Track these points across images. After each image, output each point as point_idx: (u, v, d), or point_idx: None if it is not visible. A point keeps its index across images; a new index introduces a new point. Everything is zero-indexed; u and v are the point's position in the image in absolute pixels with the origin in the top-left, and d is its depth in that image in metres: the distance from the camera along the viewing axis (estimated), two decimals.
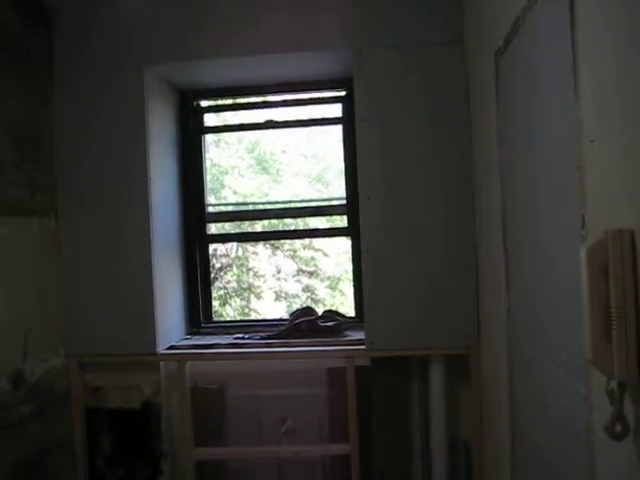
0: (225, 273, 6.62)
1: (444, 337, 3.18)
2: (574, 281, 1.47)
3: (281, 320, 3.73)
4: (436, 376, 3.27)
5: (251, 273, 6.79)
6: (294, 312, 3.64)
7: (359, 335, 3.38)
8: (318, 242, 6.35)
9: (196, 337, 3.72)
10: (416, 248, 3.20)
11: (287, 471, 3.49)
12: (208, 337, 3.69)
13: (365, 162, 3.25)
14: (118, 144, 3.37)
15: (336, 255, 6.49)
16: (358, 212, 3.29)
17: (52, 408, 3.28)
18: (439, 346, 3.19)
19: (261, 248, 6.49)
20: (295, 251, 6.71)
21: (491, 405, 2.97)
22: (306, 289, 6.88)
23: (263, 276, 6.80)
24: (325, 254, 6.67)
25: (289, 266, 6.83)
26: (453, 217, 3.19)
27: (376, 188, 3.23)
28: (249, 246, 6.23)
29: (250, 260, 6.76)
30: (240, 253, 6.56)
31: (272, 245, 6.33)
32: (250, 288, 6.76)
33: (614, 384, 1.23)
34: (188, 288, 3.80)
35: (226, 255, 6.50)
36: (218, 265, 6.39)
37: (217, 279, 6.32)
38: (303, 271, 6.84)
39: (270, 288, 6.79)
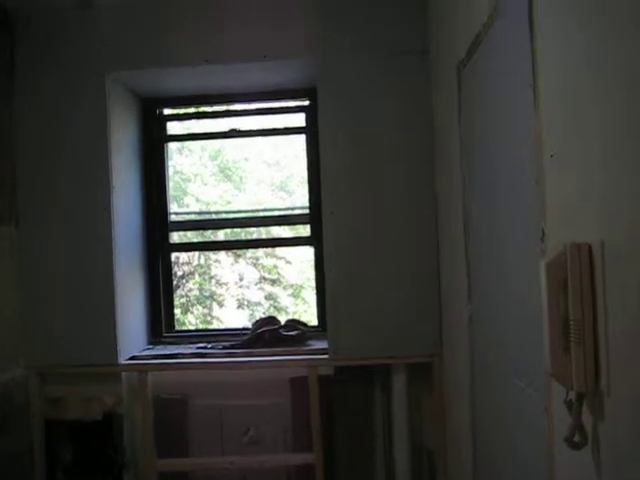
0: (187, 281, 6.57)
1: (407, 346, 3.20)
2: (533, 293, 1.51)
3: (244, 329, 3.71)
4: (399, 385, 3.29)
5: (213, 281, 6.75)
6: (257, 321, 3.63)
7: (322, 344, 3.38)
8: (281, 250, 6.33)
9: (158, 347, 3.69)
10: (379, 258, 3.23)
11: None
12: (170, 347, 3.66)
13: (328, 174, 3.26)
14: (80, 151, 3.33)
15: (299, 263, 6.48)
16: (321, 221, 3.30)
17: (11, 419, 3.22)
18: (402, 355, 3.21)
19: (223, 256, 6.45)
20: (258, 259, 6.69)
21: (453, 414, 3.00)
22: (269, 297, 6.86)
23: (225, 284, 6.76)
24: (288, 262, 6.66)
25: (252, 274, 6.80)
26: (416, 228, 3.22)
27: (339, 199, 3.24)
28: (211, 254, 6.19)
29: (212, 268, 6.72)
30: (202, 261, 6.51)
31: (234, 253, 6.30)
32: (212, 296, 6.72)
33: (573, 395, 1.26)
34: (150, 297, 3.77)
35: (188, 263, 6.46)
36: (180, 273, 6.34)
37: (179, 287, 6.27)
38: (266, 279, 6.82)
39: (232, 296, 6.75)
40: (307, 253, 4.34)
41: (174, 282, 4.06)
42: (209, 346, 3.56)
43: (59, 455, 3.48)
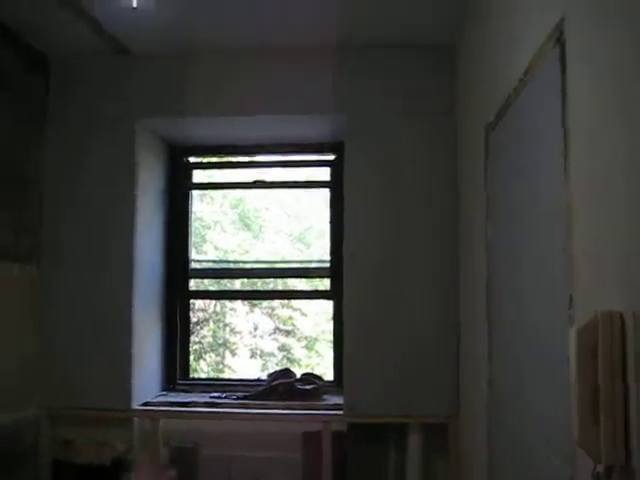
0: (201, 328, 6.55)
1: (423, 406, 3.16)
2: (558, 359, 1.49)
3: (258, 380, 3.69)
4: (414, 445, 3.23)
5: (228, 329, 6.72)
6: (272, 373, 3.60)
7: (337, 399, 3.35)
8: (297, 302, 6.31)
9: (172, 394, 3.67)
10: (399, 315, 3.21)
11: None
12: (184, 394, 3.64)
13: (351, 229, 3.28)
14: (105, 194, 3.38)
15: (314, 315, 6.45)
16: (341, 275, 3.30)
17: (19, 459, 3.19)
18: (418, 414, 3.17)
19: (239, 304, 6.43)
20: (273, 309, 6.66)
21: (470, 477, 2.93)
22: (282, 348, 6.80)
23: (240, 332, 6.73)
24: (303, 314, 6.63)
25: (266, 324, 6.77)
26: (437, 287, 3.22)
27: (361, 254, 3.24)
28: (227, 302, 6.18)
29: (227, 316, 6.70)
30: (218, 308, 6.50)
31: (250, 302, 6.29)
32: (226, 344, 6.68)
33: (601, 468, 1.23)
34: (166, 343, 3.76)
35: (203, 310, 6.44)
36: (195, 319, 6.32)
37: (193, 333, 6.24)
38: (280, 330, 6.78)
39: (246, 345, 6.71)
40: (323, 306, 4.33)
41: (190, 334, 4.05)
42: (223, 396, 3.53)
43: None
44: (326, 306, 3.75)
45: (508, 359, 2.18)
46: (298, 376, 3.56)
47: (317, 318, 6.35)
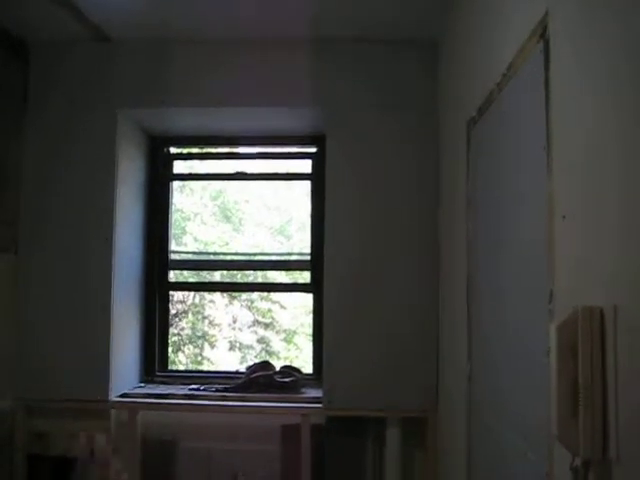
0: (180, 320, 6.53)
1: (402, 400, 3.17)
2: (538, 354, 1.49)
3: (237, 373, 3.68)
4: (392, 439, 3.25)
5: (206, 321, 6.70)
6: (251, 366, 3.59)
7: (316, 393, 3.35)
8: (276, 295, 6.31)
9: (150, 385, 3.64)
10: (379, 309, 3.22)
11: None
12: (162, 386, 3.61)
13: (331, 221, 3.27)
14: (85, 184, 3.35)
15: (293, 308, 6.45)
16: (321, 268, 3.30)
17: None
18: (397, 408, 3.18)
19: (218, 296, 6.42)
20: (252, 302, 6.65)
21: (447, 472, 2.95)
22: (261, 340, 6.80)
23: (218, 325, 6.72)
24: (282, 306, 6.63)
25: (245, 316, 6.76)
26: (417, 281, 3.22)
27: (342, 247, 3.25)
28: (206, 294, 6.16)
29: (206, 308, 6.68)
30: (197, 300, 6.48)
31: (230, 295, 6.28)
32: (204, 336, 6.66)
33: (579, 461, 1.24)
34: (145, 335, 3.74)
35: (182, 302, 6.42)
36: (174, 311, 6.29)
37: (172, 325, 6.22)
38: (259, 322, 6.78)
39: (225, 337, 6.70)
40: (302, 299, 4.33)
41: (169, 325, 4.03)
42: (202, 388, 3.51)
43: None
44: (305, 299, 3.74)
45: (487, 355, 2.19)
46: (277, 369, 3.55)
47: (296, 311, 6.36)
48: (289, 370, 3.53)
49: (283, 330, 6.70)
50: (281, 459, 3.38)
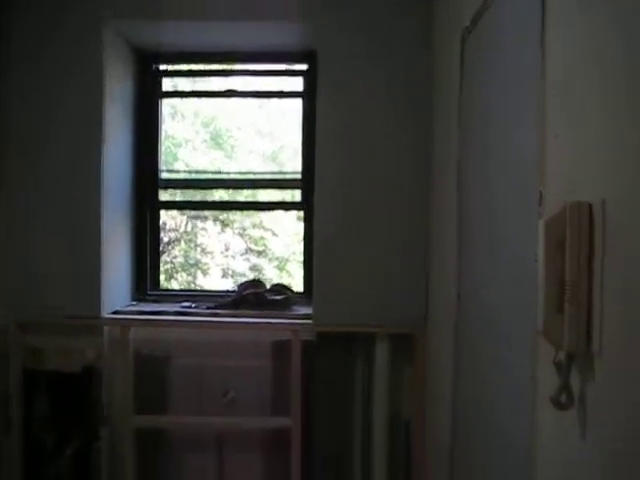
0: (173, 247, 6.54)
1: (391, 316, 3.21)
2: (526, 258, 1.50)
3: (228, 292, 3.70)
4: (381, 355, 3.29)
5: (199, 249, 6.72)
6: (242, 284, 3.61)
7: (307, 310, 3.39)
8: (268, 222, 6.31)
9: (142, 304, 3.67)
10: (369, 226, 3.22)
11: (227, 443, 3.47)
12: (154, 304, 3.64)
13: (323, 139, 3.24)
14: (72, 100, 3.28)
15: (286, 236, 6.46)
16: (312, 187, 3.28)
17: None
18: (386, 325, 3.21)
19: (210, 225, 6.43)
20: (244, 229, 6.66)
21: (434, 385, 3.00)
22: (254, 268, 6.83)
23: (211, 253, 6.74)
24: (274, 234, 6.63)
25: (238, 244, 6.77)
26: (408, 198, 3.21)
27: (333, 164, 3.22)
28: (199, 221, 6.16)
29: (199, 236, 6.69)
30: (189, 228, 6.48)
31: (222, 222, 6.27)
32: (197, 264, 6.69)
33: (562, 355, 1.25)
34: (136, 254, 3.74)
35: (175, 229, 6.42)
36: (166, 239, 6.30)
37: (164, 252, 6.24)
38: (252, 250, 6.80)
39: (217, 265, 6.73)
40: (295, 227, 4.32)
41: (160, 247, 4.03)
42: (193, 305, 3.54)
43: (36, 407, 3.46)
44: (297, 226, 3.72)
45: (476, 269, 2.19)
46: (268, 287, 3.57)
47: (288, 239, 6.37)
48: (280, 288, 3.55)
49: (275, 258, 6.74)
50: (272, 375, 3.44)
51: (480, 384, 2.08)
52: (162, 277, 3.92)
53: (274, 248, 6.69)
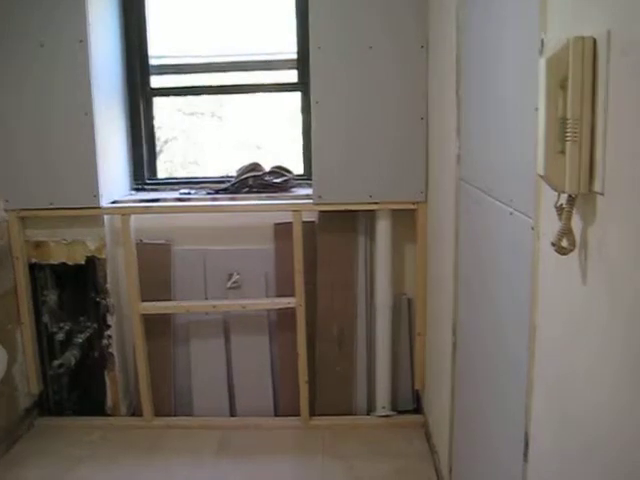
0: (171, 146, 6.47)
1: (392, 192, 3.18)
2: (528, 117, 1.46)
3: (228, 177, 3.67)
4: (383, 231, 3.29)
5: (197, 146, 6.65)
6: (241, 168, 3.56)
7: (307, 192, 3.36)
8: (265, 108, 6.21)
9: (141, 193, 3.65)
10: (367, 103, 3.13)
11: (233, 325, 3.53)
12: (153, 193, 3.62)
13: (317, 12, 3.11)
14: None
15: (284, 120, 6.37)
16: (308, 67, 3.18)
17: None
18: (387, 201, 3.19)
19: (207, 119, 6.33)
20: (241, 126, 6.56)
21: (436, 261, 3.01)
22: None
23: (209, 149, 6.67)
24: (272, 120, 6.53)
25: (235, 138, 6.69)
26: (405, 68, 3.11)
27: (328, 40, 3.10)
28: (195, 118, 6.07)
29: (196, 133, 6.61)
30: (186, 126, 6.39)
31: (218, 118, 6.18)
32: (196, 162, 6.64)
33: (564, 199, 1.23)
34: (132, 143, 3.69)
35: (172, 128, 6.34)
36: (164, 138, 6.23)
37: (162, 152, 6.18)
38: (250, 144, 6.72)
39: (217, 160, 6.68)
40: (292, 109, 4.20)
41: (158, 146, 3.97)
42: (193, 192, 3.52)
43: (45, 300, 3.51)
44: (295, 109, 3.61)
45: (476, 130, 2.15)
46: (267, 169, 3.53)
47: (287, 123, 6.28)
48: (279, 170, 3.50)
49: (274, 143, 6.67)
50: (275, 257, 3.46)
51: (480, 241, 2.08)
52: (162, 175, 3.87)
53: (272, 135, 6.61)
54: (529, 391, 1.55)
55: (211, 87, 3.75)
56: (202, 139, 6.59)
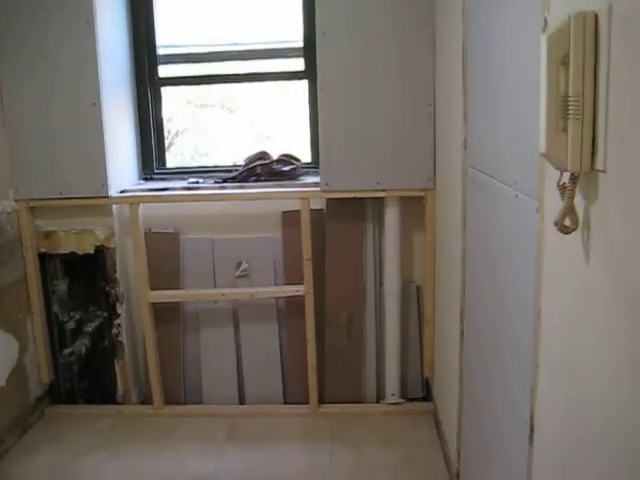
0: (181, 139, 6.49)
1: (400, 179, 3.17)
2: (532, 98, 1.44)
3: (236, 166, 3.66)
4: (391, 219, 3.28)
5: (208, 138, 6.66)
6: (249, 157, 3.56)
7: (315, 179, 3.35)
8: (273, 97, 6.20)
9: (149, 182, 3.66)
10: (374, 91, 3.12)
11: (242, 314, 3.53)
12: (162, 182, 3.63)
13: (324, 7, 3.09)
14: None
15: (292, 108, 6.36)
16: (315, 55, 3.16)
17: (4, 251, 3.23)
18: (394, 188, 3.18)
19: (217, 112, 6.34)
20: (252, 118, 6.56)
21: (444, 248, 3.00)
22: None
23: (219, 141, 6.68)
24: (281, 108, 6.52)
25: (245, 132, 6.69)
26: (411, 54, 3.09)
27: (334, 27, 3.09)
28: (205, 111, 6.07)
29: (206, 126, 6.62)
30: (196, 119, 6.40)
31: (229, 110, 6.19)
32: (207, 154, 6.65)
33: (566, 177, 1.22)
34: (140, 132, 3.69)
35: (182, 120, 6.35)
36: (174, 130, 6.24)
37: (173, 144, 6.19)
38: (259, 136, 6.72)
39: (227, 152, 6.69)
40: (300, 98, 4.19)
41: (168, 139, 3.97)
42: (201, 181, 3.52)
43: (55, 289, 3.52)
44: (303, 98, 3.60)
45: (483, 116, 2.13)
46: (275, 157, 3.52)
47: (295, 111, 6.27)
48: (287, 158, 3.49)
49: (283, 133, 6.66)
50: (283, 245, 3.45)
51: (488, 239, 2.07)
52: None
53: (280, 124, 6.60)
54: (535, 375, 1.54)
55: (218, 76, 3.75)
56: (212, 131, 6.61)
